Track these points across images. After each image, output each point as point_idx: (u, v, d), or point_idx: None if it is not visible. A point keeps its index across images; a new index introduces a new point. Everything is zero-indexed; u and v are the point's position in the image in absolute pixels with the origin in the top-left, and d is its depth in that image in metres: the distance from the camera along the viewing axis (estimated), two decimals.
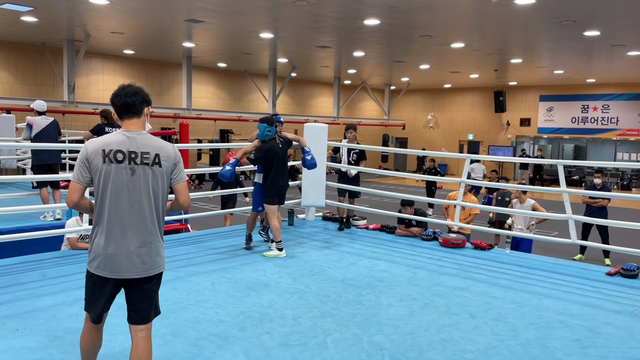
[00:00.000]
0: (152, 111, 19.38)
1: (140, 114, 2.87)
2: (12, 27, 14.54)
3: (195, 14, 12.15)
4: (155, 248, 2.83)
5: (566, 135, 25.86)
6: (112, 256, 2.76)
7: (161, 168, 2.82)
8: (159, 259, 2.86)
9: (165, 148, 2.85)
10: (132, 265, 2.78)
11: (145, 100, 2.90)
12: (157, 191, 2.82)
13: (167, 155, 2.84)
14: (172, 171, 2.89)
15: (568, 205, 6.40)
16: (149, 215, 2.80)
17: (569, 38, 13.69)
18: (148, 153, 2.79)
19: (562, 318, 4.42)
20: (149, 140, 2.82)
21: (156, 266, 2.85)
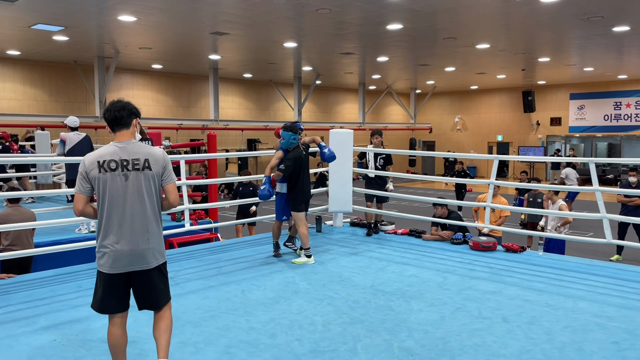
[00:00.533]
0: (181, 124, 19.46)
1: (129, 125, 3.20)
2: (45, 47, 15.02)
3: (220, 26, 12.34)
4: (153, 243, 3.15)
5: (599, 133, 25.25)
6: (117, 254, 3.07)
7: (151, 171, 3.14)
8: (157, 253, 3.18)
9: (154, 153, 3.18)
10: (135, 260, 3.10)
11: (132, 113, 3.22)
12: (150, 192, 3.15)
13: (155, 159, 3.16)
14: (162, 174, 3.21)
15: (602, 204, 6.25)
16: (144, 215, 3.13)
17: (598, 34, 13.40)
18: (138, 159, 3.12)
19: (598, 320, 4.31)
20: (139, 148, 3.16)
21: (156, 259, 3.17)
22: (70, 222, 6.85)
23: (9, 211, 6.39)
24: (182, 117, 21.64)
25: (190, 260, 6.33)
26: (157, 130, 11.77)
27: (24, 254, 5.76)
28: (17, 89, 17.70)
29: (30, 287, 5.17)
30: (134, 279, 3.14)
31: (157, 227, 3.20)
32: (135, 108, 3.24)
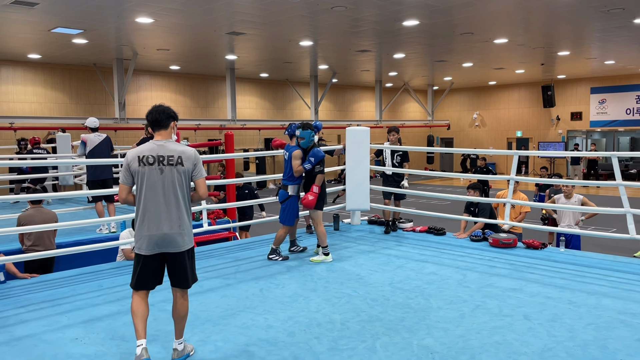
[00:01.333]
0: (198, 124, 19.70)
1: (167, 127, 3.61)
2: (65, 50, 15.25)
3: (236, 26, 12.39)
4: (182, 229, 3.53)
5: (621, 127, 24.78)
6: (152, 237, 3.49)
7: (183, 167, 3.53)
8: (187, 238, 3.56)
9: (187, 151, 3.57)
10: (167, 244, 3.51)
11: (171, 116, 3.63)
12: (182, 185, 3.54)
13: (187, 157, 3.55)
14: (192, 170, 3.58)
15: (625, 199, 6.13)
16: (177, 204, 3.52)
17: (619, 27, 13.14)
18: (172, 156, 3.51)
19: (623, 317, 4.23)
20: (174, 147, 3.56)
21: (186, 244, 3.55)
22: (91, 223, 6.95)
23: (31, 212, 6.50)
24: (199, 117, 21.80)
25: (209, 259, 6.36)
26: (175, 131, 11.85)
27: (46, 255, 5.85)
28: (39, 92, 18.00)
29: (52, 287, 5.25)
30: (168, 260, 3.59)
31: (187, 216, 3.58)
32: (174, 112, 3.65)
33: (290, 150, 6.18)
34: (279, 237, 6.23)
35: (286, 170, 6.23)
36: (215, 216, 9.11)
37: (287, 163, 6.22)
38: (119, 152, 11.81)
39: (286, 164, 6.25)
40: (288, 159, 6.20)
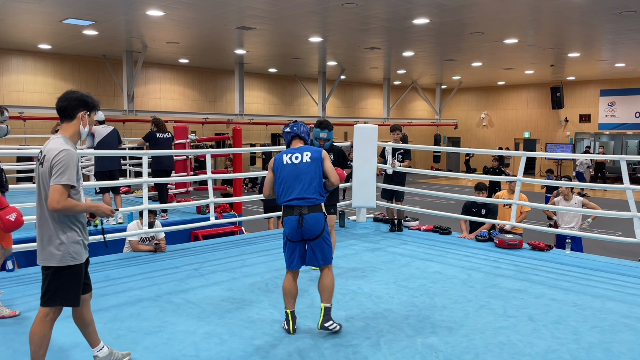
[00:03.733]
0: (206, 118, 19.46)
1: (72, 117, 3.16)
2: (75, 41, 15.31)
3: (246, 21, 12.40)
4: (48, 241, 3.08)
5: (630, 130, 24.63)
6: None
7: (43, 168, 3.08)
8: (57, 252, 3.06)
9: (51, 150, 3.04)
10: (307, 232, 3.93)
11: (77, 105, 3.15)
12: (45, 189, 3.06)
13: (48, 157, 3.03)
14: (50, 173, 3.02)
15: (632, 203, 6.11)
16: (41, 210, 3.12)
17: (630, 29, 13.06)
18: (44, 155, 3.09)
19: (627, 321, 4.23)
20: (52, 143, 3.10)
21: (49, 259, 3.08)
22: None
23: None
24: (207, 111, 21.84)
25: (215, 253, 6.40)
26: (183, 124, 11.90)
27: None
28: (48, 83, 18.09)
29: None
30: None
31: (56, 225, 3.08)
32: (86, 99, 3.19)
33: (315, 151, 4.15)
34: (333, 286, 4.03)
35: (305, 181, 4.03)
36: (221, 210, 9.16)
37: (309, 170, 4.06)
38: (126, 145, 11.88)
39: (303, 172, 4.05)
40: (314, 164, 4.08)
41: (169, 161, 8.73)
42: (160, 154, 8.13)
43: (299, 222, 3.91)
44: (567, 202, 7.63)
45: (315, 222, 3.94)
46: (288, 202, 3.99)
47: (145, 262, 5.92)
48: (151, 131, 8.66)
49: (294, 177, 4.01)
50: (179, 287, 5.00)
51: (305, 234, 3.96)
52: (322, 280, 3.98)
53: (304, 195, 3.97)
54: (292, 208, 3.96)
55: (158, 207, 7.07)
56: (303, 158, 4.08)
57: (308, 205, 3.96)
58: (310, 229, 3.94)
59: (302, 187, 3.99)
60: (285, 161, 4.08)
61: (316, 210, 3.97)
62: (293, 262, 4.02)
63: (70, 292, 3.11)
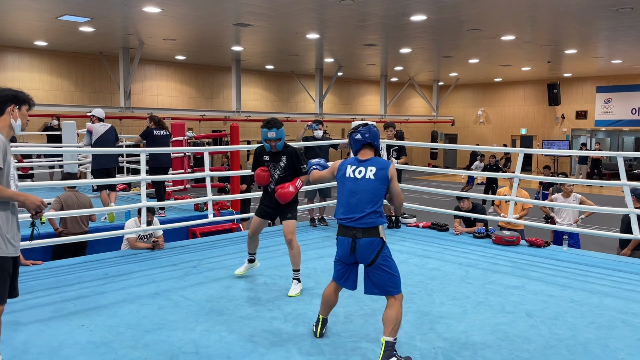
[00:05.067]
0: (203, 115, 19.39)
1: (1, 112, 3.15)
2: (72, 38, 15.26)
3: (243, 17, 12.38)
4: None
5: (626, 127, 24.72)
6: None
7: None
8: None
9: None
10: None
11: (5, 100, 3.16)
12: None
13: None
14: None
15: (629, 199, 6.14)
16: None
17: (627, 26, 13.09)
18: None
19: (624, 317, 4.25)
20: None
21: None
22: (96, 211, 6.99)
23: (69, 194, 6.75)
24: (204, 108, 21.82)
25: (213, 250, 6.40)
26: (180, 121, 11.89)
27: (57, 242, 5.92)
28: (45, 79, 18.03)
29: (58, 274, 5.30)
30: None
31: None
32: (15, 93, 3.21)
33: (381, 168, 3.62)
34: (398, 319, 3.51)
35: (363, 200, 3.57)
36: (219, 207, 9.16)
37: (370, 188, 3.58)
38: (124, 142, 11.85)
39: (363, 190, 3.59)
40: (377, 183, 3.59)
41: (167, 158, 8.72)
42: (157, 152, 8.12)
43: (351, 247, 3.54)
44: (565, 199, 7.66)
45: (368, 248, 3.50)
46: (342, 220, 3.60)
47: (144, 259, 5.92)
48: (148, 128, 8.65)
49: (351, 193, 3.58)
50: (177, 285, 5.00)
51: (359, 259, 3.57)
52: (386, 311, 3.50)
53: (359, 217, 3.52)
54: (346, 228, 3.58)
55: (156, 204, 7.07)
56: (366, 174, 3.59)
57: (363, 228, 3.52)
58: (364, 255, 3.52)
59: (359, 207, 3.53)
60: (348, 173, 3.65)
61: (372, 234, 3.51)
62: (341, 280, 3.71)
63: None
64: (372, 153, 3.72)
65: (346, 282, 3.70)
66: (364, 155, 3.71)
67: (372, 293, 3.60)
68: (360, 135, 3.71)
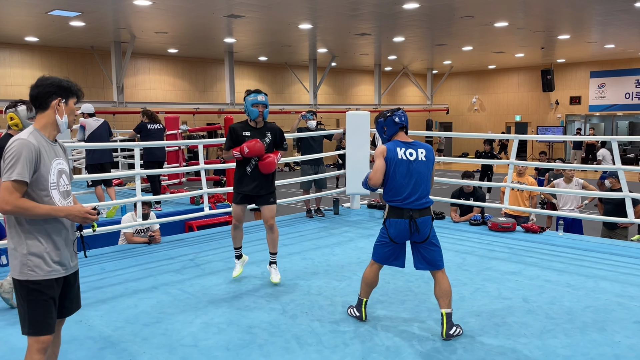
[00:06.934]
0: (197, 108, 19.29)
1: (45, 107, 2.67)
2: (62, 33, 15.12)
3: (235, 9, 12.29)
4: (9, 248, 2.64)
5: (620, 112, 24.75)
6: None
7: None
8: (14, 261, 2.60)
9: (9, 142, 2.56)
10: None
11: (49, 92, 2.66)
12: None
13: (5, 149, 2.54)
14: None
15: (624, 183, 6.17)
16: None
17: (620, 10, 13.07)
18: None
19: (620, 300, 4.28)
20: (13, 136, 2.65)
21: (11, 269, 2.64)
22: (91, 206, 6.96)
23: None
24: (198, 101, 21.71)
25: (209, 243, 6.40)
26: (174, 115, 11.83)
27: None
28: (36, 75, 17.56)
29: None
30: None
31: (12, 231, 2.61)
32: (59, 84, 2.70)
33: (429, 150, 3.81)
34: (451, 290, 3.75)
35: (419, 182, 3.71)
36: (215, 200, 9.14)
37: (424, 170, 3.75)
38: (118, 137, 11.80)
39: (418, 172, 3.72)
40: (429, 164, 3.78)
41: (161, 152, 8.68)
42: (152, 145, 8.09)
43: (410, 227, 3.65)
44: (567, 185, 7.67)
45: (425, 226, 3.69)
46: (398, 202, 3.67)
47: (141, 253, 5.92)
48: (142, 122, 8.61)
49: (407, 176, 3.66)
50: (175, 278, 5.00)
51: (416, 238, 3.71)
52: (440, 285, 3.69)
53: (416, 198, 3.66)
54: (402, 210, 3.66)
55: (151, 198, 7.05)
56: (418, 156, 3.71)
57: (420, 208, 3.67)
58: (423, 233, 3.69)
59: (415, 188, 3.66)
60: (400, 156, 3.69)
61: (427, 213, 3.72)
62: (389, 260, 3.82)
63: (33, 316, 2.55)
64: (405, 135, 3.85)
65: (396, 261, 3.84)
66: (405, 138, 3.82)
67: (423, 268, 3.81)
68: (398, 119, 3.83)
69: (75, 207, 2.63)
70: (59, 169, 2.66)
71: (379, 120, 3.88)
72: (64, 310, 2.77)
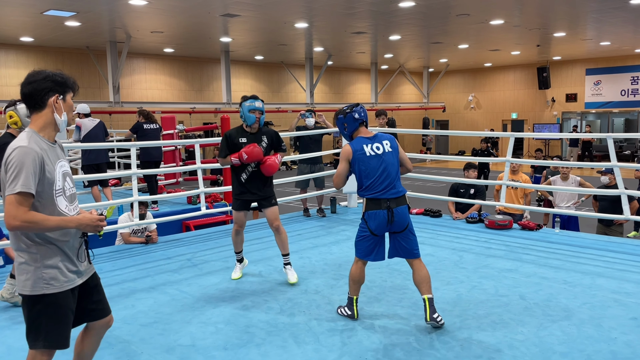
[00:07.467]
0: (193, 107, 19.26)
1: (42, 106, 2.46)
2: (58, 33, 15.08)
3: (231, 8, 12.27)
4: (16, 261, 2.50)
5: (615, 109, 24.82)
6: None
7: (1, 172, 2.40)
8: (20, 277, 2.46)
9: (8, 150, 2.36)
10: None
11: (46, 88, 2.46)
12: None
13: (4, 158, 2.36)
14: (5, 179, 2.35)
15: (620, 180, 6.18)
16: None
17: (615, 7, 13.10)
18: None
19: (617, 297, 4.30)
20: (13, 141, 2.42)
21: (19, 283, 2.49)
22: (87, 207, 6.94)
23: None
24: (194, 100, 21.68)
25: (207, 242, 6.40)
26: (170, 115, 11.82)
27: None
28: None
29: None
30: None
31: (20, 243, 2.46)
32: (55, 79, 2.53)
33: (392, 139, 4.00)
34: (429, 276, 3.87)
35: (391, 173, 3.86)
36: (212, 200, 9.14)
37: (393, 160, 3.90)
38: (114, 137, 11.78)
39: (389, 163, 3.86)
40: (395, 153, 3.93)
41: (158, 152, 8.68)
42: (148, 145, 8.08)
43: (388, 217, 3.73)
44: (564, 182, 7.69)
45: (403, 215, 3.79)
46: (375, 194, 3.77)
47: (138, 254, 5.91)
48: (138, 122, 8.60)
49: (379, 169, 3.79)
50: (172, 278, 5.00)
51: (394, 227, 3.78)
52: (419, 272, 3.79)
53: (391, 189, 3.79)
54: (379, 202, 3.76)
55: (148, 198, 7.05)
56: (384, 148, 3.86)
57: (396, 197, 3.78)
58: (401, 222, 3.78)
59: (389, 180, 3.80)
60: (368, 152, 3.82)
61: (403, 202, 3.82)
62: (371, 254, 3.86)
63: (50, 331, 2.43)
64: (366, 130, 4.00)
65: (377, 255, 3.89)
66: (366, 133, 3.97)
67: (400, 256, 3.90)
68: (358, 115, 3.95)
69: (86, 217, 2.47)
70: (63, 172, 2.50)
71: (339, 117, 4.01)
72: (92, 313, 2.68)
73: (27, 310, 2.45)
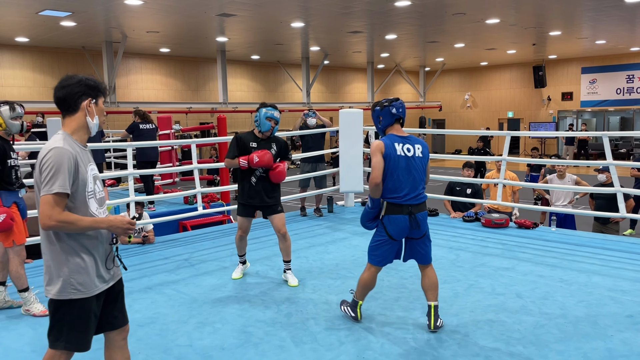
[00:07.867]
0: (190, 107, 19.26)
1: (75, 109, 2.51)
2: (53, 33, 15.04)
3: (227, 7, 12.26)
4: (46, 264, 2.51)
5: (611, 107, 24.90)
6: None
7: (35, 173, 2.42)
8: (48, 278, 2.46)
9: (42, 151, 2.40)
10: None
11: (78, 92, 2.50)
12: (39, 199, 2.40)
13: (39, 160, 2.39)
14: (40, 180, 2.37)
15: (616, 178, 6.21)
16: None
17: (610, 6, 13.14)
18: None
19: (613, 294, 4.32)
20: (47, 143, 2.47)
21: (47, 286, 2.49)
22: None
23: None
24: (190, 100, 21.65)
25: (204, 242, 6.40)
26: (166, 115, 11.80)
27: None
28: (27, 76, 17.77)
29: None
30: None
31: (51, 246, 2.47)
32: (87, 83, 2.55)
33: (425, 146, 3.78)
34: (438, 284, 3.84)
35: (417, 178, 3.68)
36: (209, 200, 9.13)
37: (421, 166, 3.72)
38: (110, 137, 11.75)
39: (416, 168, 3.68)
40: (425, 160, 3.75)
41: (154, 152, 8.66)
42: (144, 145, 8.07)
43: (411, 223, 3.60)
44: (560, 180, 7.71)
45: (424, 221, 3.67)
46: (397, 199, 3.60)
47: (135, 254, 5.90)
48: (134, 122, 8.58)
49: (406, 172, 3.59)
50: (169, 278, 4.99)
51: (416, 234, 3.66)
52: (429, 278, 3.73)
53: (415, 194, 3.61)
54: (401, 207, 3.59)
55: (145, 198, 7.04)
56: (415, 152, 3.64)
57: (418, 203, 3.64)
58: (423, 228, 3.67)
59: (414, 185, 3.61)
60: (399, 152, 3.60)
61: (424, 208, 3.69)
62: (386, 260, 3.75)
63: (72, 334, 2.45)
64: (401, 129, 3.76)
65: (389, 259, 3.78)
66: (401, 132, 3.74)
67: (417, 260, 3.81)
68: (396, 110, 3.69)
69: (117, 218, 2.49)
70: (93, 175, 2.52)
71: (376, 108, 3.75)
72: (115, 320, 2.66)
73: (52, 312, 2.48)
